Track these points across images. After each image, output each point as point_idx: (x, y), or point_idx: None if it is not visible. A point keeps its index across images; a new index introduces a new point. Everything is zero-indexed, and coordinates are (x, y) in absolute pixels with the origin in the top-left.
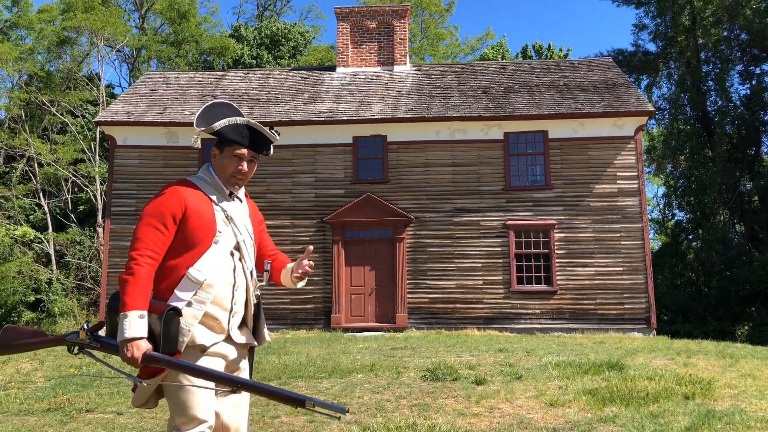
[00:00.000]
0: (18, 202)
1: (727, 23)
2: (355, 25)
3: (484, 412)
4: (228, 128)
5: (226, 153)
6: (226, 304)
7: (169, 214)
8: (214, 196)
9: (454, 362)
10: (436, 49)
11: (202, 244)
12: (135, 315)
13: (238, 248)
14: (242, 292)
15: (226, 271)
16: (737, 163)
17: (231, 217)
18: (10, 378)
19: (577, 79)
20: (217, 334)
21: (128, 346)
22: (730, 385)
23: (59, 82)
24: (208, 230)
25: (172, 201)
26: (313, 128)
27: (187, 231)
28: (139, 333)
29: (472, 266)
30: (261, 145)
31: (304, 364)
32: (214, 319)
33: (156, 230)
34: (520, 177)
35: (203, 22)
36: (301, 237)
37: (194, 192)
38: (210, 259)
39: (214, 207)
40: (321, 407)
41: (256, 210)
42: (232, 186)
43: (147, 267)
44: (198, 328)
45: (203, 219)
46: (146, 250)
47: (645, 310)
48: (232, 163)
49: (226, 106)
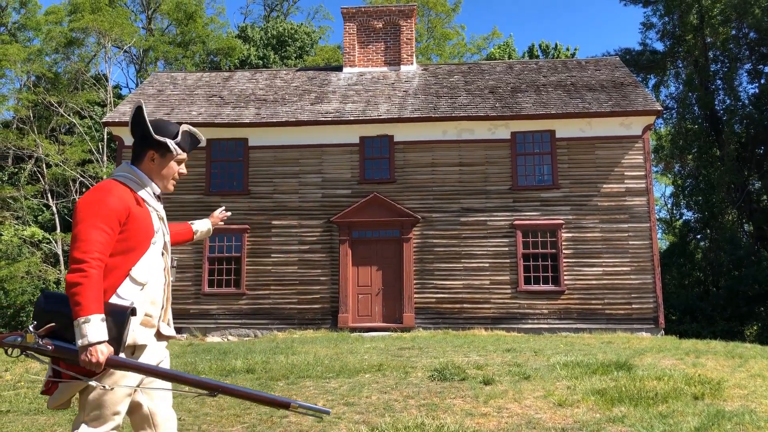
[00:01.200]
0: (26, 203)
1: (736, 22)
2: (362, 25)
3: (493, 412)
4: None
5: (169, 158)
6: (160, 302)
7: (114, 216)
8: (146, 197)
9: (461, 362)
10: (442, 49)
11: (142, 246)
12: (97, 319)
13: (165, 248)
14: (168, 290)
15: (160, 270)
16: (746, 163)
17: (162, 217)
18: (19, 377)
19: (584, 78)
20: (150, 330)
21: (90, 351)
22: (740, 385)
23: (67, 83)
24: (147, 231)
25: (117, 203)
26: (320, 128)
27: (129, 233)
28: (101, 337)
29: (479, 266)
30: (193, 147)
31: (311, 364)
32: (149, 317)
33: (102, 231)
34: (527, 177)
35: (210, 23)
36: (308, 237)
37: (131, 194)
38: (149, 260)
39: (149, 208)
40: (305, 409)
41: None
42: (168, 188)
43: (98, 269)
44: (139, 327)
45: (143, 221)
46: (95, 252)
47: (653, 310)
48: (176, 167)
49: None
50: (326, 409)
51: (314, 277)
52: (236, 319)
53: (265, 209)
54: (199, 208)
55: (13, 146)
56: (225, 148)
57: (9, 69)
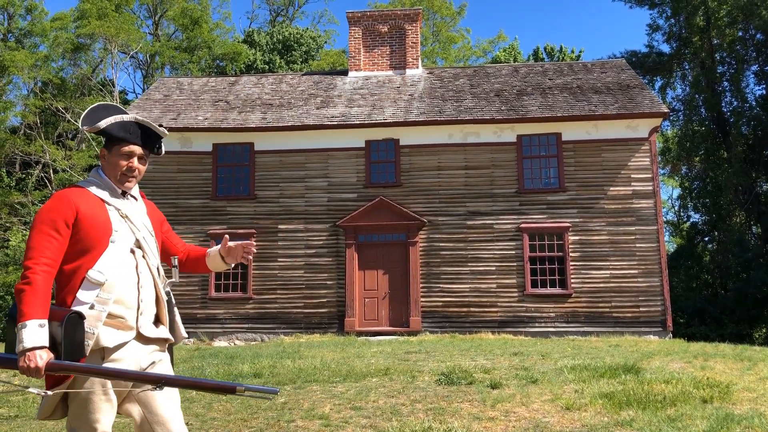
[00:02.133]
0: (34, 209)
1: (743, 23)
2: (367, 29)
3: (500, 416)
4: (114, 126)
5: (115, 152)
6: (132, 302)
7: (60, 220)
8: (105, 196)
9: (468, 366)
10: (447, 53)
11: (99, 245)
12: (34, 324)
13: (139, 246)
14: (149, 289)
15: (127, 269)
16: (753, 164)
17: (126, 215)
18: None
19: (590, 80)
20: (124, 332)
21: (28, 356)
22: (749, 388)
23: (73, 88)
24: (103, 230)
25: (62, 206)
26: (326, 132)
27: (82, 234)
28: (39, 342)
29: (485, 269)
30: (150, 141)
31: (318, 368)
32: (119, 319)
33: (49, 237)
34: (534, 180)
35: (216, 28)
36: (314, 241)
37: (84, 194)
38: (109, 259)
39: (107, 207)
40: (253, 392)
41: (155, 209)
42: (123, 185)
43: (43, 275)
44: (103, 329)
45: (96, 220)
46: (41, 258)
47: (661, 313)
48: (121, 160)
49: (112, 108)
50: (274, 389)
51: (321, 281)
52: (243, 323)
53: (272, 213)
54: (206, 213)
55: (20, 152)
56: (231, 153)
57: (16, 75)
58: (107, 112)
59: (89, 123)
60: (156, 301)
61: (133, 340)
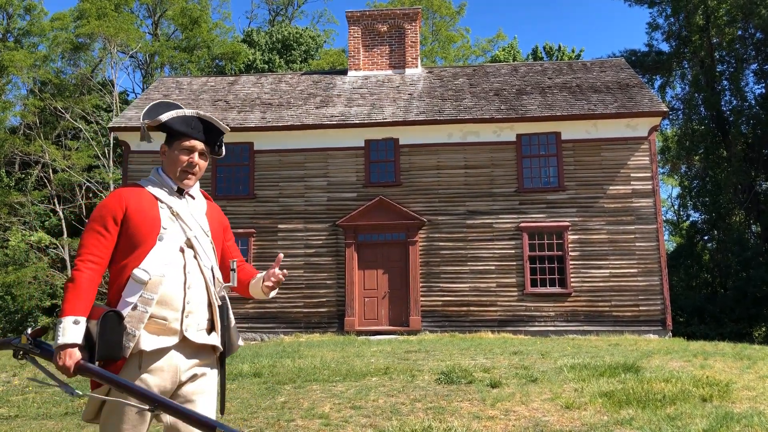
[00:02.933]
0: (33, 208)
1: (742, 22)
2: (367, 28)
3: (500, 415)
4: (176, 120)
5: (175, 146)
6: (177, 304)
7: (109, 216)
8: (160, 194)
9: (468, 365)
10: (447, 52)
11: (146, 243)
12: (69, 321)
13: (190, 245)
14: (198, 291)
15: (174, 268)
16: (753, 163)
17: (178, 213)
18: (27, 382)
19: (589, 80)
20: (167, 337)
21: (61, 354)
22: (748, 387)
23: (73, 88)
24: (150, 228)
25: (112, 203)
26: (325, 132)
27: (130, 230)
28: (71, 339)
29: (485, 269)
30: (211, 137)
31: (318, 367)
32: (162, 321)
33: (98, 234)
34: (533, 179)
35: (215, 28)
36: (313, 240)
37: (138, 192)
38: (155, 257)
39: (159, 204)
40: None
41: (219, 214)
42: (182, 182)
43: (88, 272)
44: (144, 332)
45: (145, 216)
46: (88, 255)
47: (660, 312)
48: (182, 155)
49: (174, 104)
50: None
51: (320, 280)
52: (243, 323)
53: (271, 213)
54: None
55: (19, 152)
56: (230, 152)
57: (15, 75)
58: (168, 109)
59: (150, 117)
60: (208, 304)
61: (175, 347)
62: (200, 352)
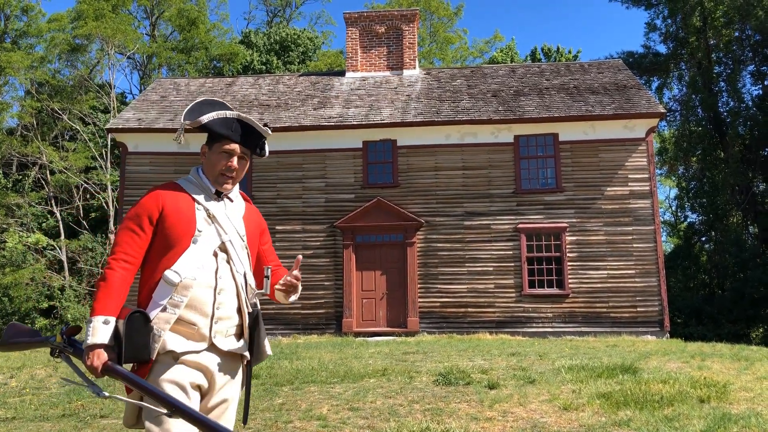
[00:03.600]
0: (31, 210)
1: (739, 24)
2: (364, 30)
3: (498, 416)
4: (216, 122)
5: (215, 149)
6: (207, 309)
7: (145, 216)
8: (198, 196)
9: (466, 366)
10: (445, 53)
11: (180, 244)
12: (99, 320)
13: (224, 249)
14: (229, 296)
15: (206, 272)
16: (750, 164)
17: (214, 215)
18: (24, 384)
19: (587, 81)
20: (195, 342)
21: (89, 354)
22: (746, 388)
23: (70, 89)
24: (186, 229)
25: (149, 202)
26: (323, 133)
27: (165, 231)
28: (100, 339)
29: (483, 270)
30: (252, 140)
31: (316, 369)
32: (189, 325)
33: (132, 233)
34: (531, 180)
35: (213, 29)
36: (311, 242)
37: (175, 192)
38: (188, 260)
39: (196, 206)
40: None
41: (257, 216)
42: (220, 185)
43: (121, 271)
44: (169, 334)
45: (181, 217)
46: (121, 254)
47: (658, 313)
48: (221, 159)
49: (218, 103)
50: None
51: (318, 282)
52: None
53: (269, 214)
54: None
55: (17, 153)
56: None
57: (13, 76)
58: (212, 108)
59: (191, 117)
60: (239, 310)
61: (204, 351)
62: (228, 358)
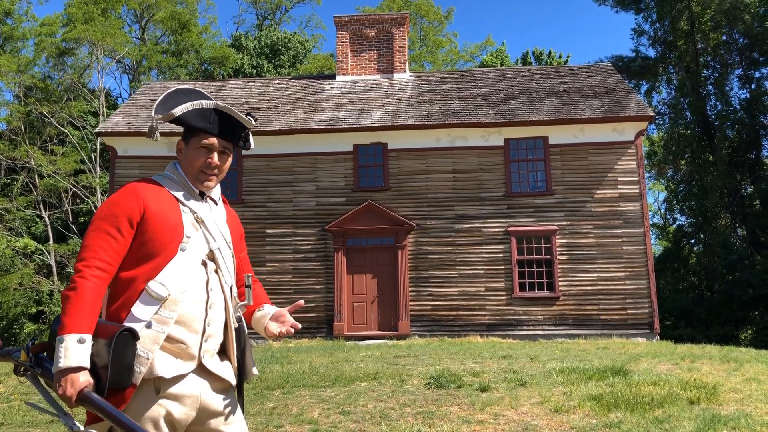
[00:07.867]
0: (19, 214)
1: (726, 28)
2: (355, 33)
3: (489, 419)
4: (192, 113)
5: (192, 144)
6: (197, 326)
7: (124, 217)
8: (180, 195)
9: (457, 369)
10: (435, 57)
11: (165, 252)
12: (72, 339)
13: (212, 258)
14: (218, 311)
15: (196, 284)
16: (738, 167)
17: (202, 219)
18: (13, 390)
19: (576, 84)
20: (184, 362)
21: (61, 380)
22: (735, 389)
23: (59, 93)
24: (172, 234)
25: (128, 201)
26: (314, 137)
27: (147, 236)
28: (75, 362)
29: (474, 273)
30: (233, 132)
31: (307, 372)
32: (180, 344)
33: (108, 236)
34: (521, 183)
35: (203, 32)
36: (302, 245)
37: (157, 190)
38: (176, 270)
39: (181, 207)
40: None
41: (236, 220)
42: (201, 183)
43: (94, 280)
44: (159, 354)
45: (167, 221)
46: (95, 260)
47: (648, 315)
48: (200, 155)
49: (194, 92)
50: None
51: (309, 285)
52: None
53: (259, 218)
54: None
55: (5, 157)
56: None
57: (0, 81)
58: (187, 97)
59: (163, 110)
60: (224, 326)
61: (192, 372)
62: (216, 379)
